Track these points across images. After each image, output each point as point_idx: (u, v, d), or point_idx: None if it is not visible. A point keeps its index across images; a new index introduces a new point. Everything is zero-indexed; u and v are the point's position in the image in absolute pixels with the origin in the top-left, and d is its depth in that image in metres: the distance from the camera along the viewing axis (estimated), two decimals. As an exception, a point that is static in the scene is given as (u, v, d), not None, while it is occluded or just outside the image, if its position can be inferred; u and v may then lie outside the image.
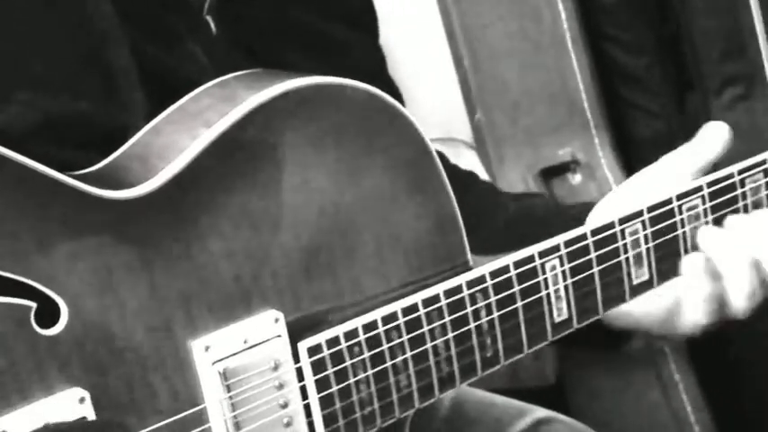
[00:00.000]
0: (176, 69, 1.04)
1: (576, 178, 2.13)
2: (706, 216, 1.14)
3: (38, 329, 0.85)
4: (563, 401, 2.08)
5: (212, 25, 1.08)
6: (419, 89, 2.12)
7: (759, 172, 1.18)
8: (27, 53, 0.96)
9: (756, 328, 1.35)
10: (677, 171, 1.14)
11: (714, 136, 1.16)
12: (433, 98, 2.17)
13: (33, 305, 0.85)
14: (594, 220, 1.16)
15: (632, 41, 2.06)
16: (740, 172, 1.15)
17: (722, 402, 2.06)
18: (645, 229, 1.10)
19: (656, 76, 2.08)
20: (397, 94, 1.25)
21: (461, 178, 1.30)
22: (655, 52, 2.07)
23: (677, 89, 2.09)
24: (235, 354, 0.93)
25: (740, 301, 1.13)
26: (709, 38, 1.97)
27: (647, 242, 1.11)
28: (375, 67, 1.27)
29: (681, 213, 1.12)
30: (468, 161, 2.15)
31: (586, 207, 1.22)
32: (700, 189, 1.13)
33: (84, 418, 0.86)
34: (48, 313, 0.86)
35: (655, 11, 2.06)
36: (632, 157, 2.14)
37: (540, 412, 1.45)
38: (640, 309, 1.15)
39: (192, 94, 0.99)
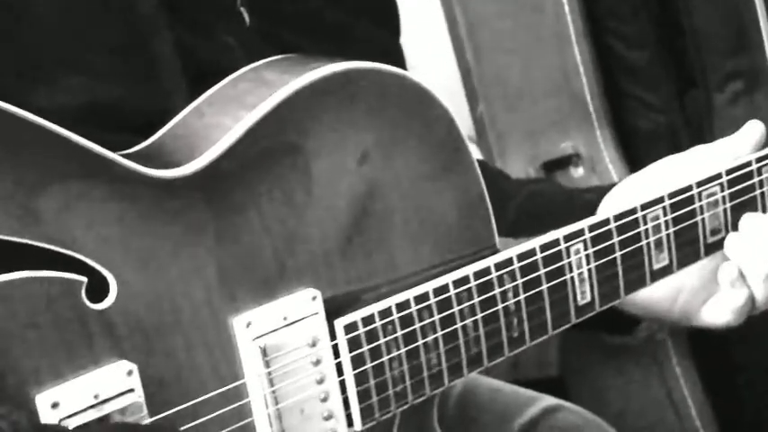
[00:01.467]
0: (212, 59, 1.06)
1: (579, 171, 2.15)
2: (724, 203, 1.17)
3: (88, 303, 0.87)
4: (564, 394, 2.10)
5: (246, 17, 1.11)
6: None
7: (773, 161, 1.20)
8: (75, 39, 0.98)
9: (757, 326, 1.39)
10: (706, 161, 1.17)
11: (751, 134, 1.18)
12: (434, 91, 2.18)
13: (84, 280, 0.87)
14: (610, 205, 1.19)
15: (634, 35, 2.07)
16: (758, 160, 1.18)
17: (723, 397, 2.09)
18: (665, 215, 1.13)
19: (657, 69, 2.10)
20: None
21: None
22: (656, 46, 2.09)
23: (678, 83, 2.12)
24: (274, 330, 0.95)
25: (763, 302, 1.17)
26: (713, 33, 1.99)
27: (667, 228, 1.14)
28: (395, 65, 1.30)
29: (700, 200, 1.15)
30: (470, 154, 2.15)
31: (600, 191, 1.24)
32: (719, 176, 1.16)
33: (132, 390, 0.88)
34: (97, 288, 0.88)
35: (656, 4, 2.08)
36: (633, 150, 2.16)
37: (549, 400, 1.47)
38: (645, 294, 1.18)
39: (229, 79, 1.02)
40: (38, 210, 0.86)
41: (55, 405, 0.85)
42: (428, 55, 2.17)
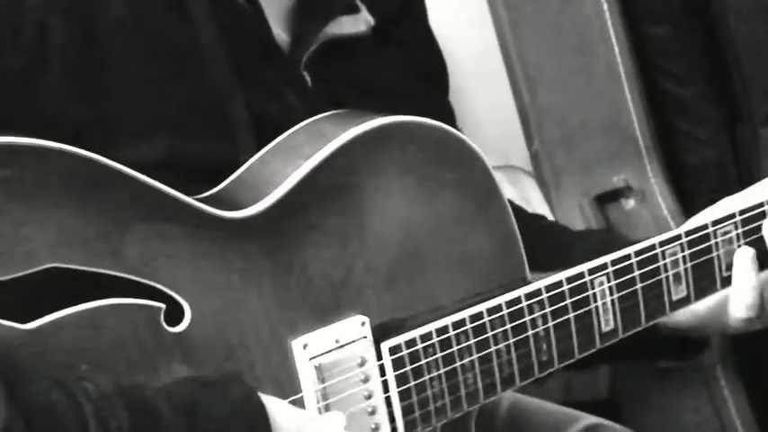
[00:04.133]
0: (278, 116, 1.19)
1: (630, 203, 2.24)
2: (738, 240, 1.28)
3: (166, 327, 1.01)
4: (615, 416, 2.18)
5: (308, 79, 1.24)
6: (481, 120, 2.24)
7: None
8: (160, 99, 1.12)
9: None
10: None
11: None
12: (493, 128, 2.29)
13: (163, 306, 1.01)
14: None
15: (683, 72, 2.16)
16: None
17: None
18: (683, 251, 1.25)
19: (705, 105, 2.19)
20: None
21: None
22: (704, 82, 2.19)
23: (726, 118, 2.21)
24: (328, 351, 1.09)
25: None
26: (758, 70, 2.09)
27: (684, 263, 1.26)
28: (446, 119, 1.42)
29: (716, 237, 1.27)
30: (526, 187, 2.27)
31: (608, 236, 1.36)
32: (733, 216, 1.28)
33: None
34: (174, 314, 1.02)
35: (704, 42, 2.17)
36: (683, 184, 2.26)
37: (591, 419, 1.58)
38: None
39: (291, 130, 1.16)
40: (123, 246, 1.00)
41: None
42: (487, 94, 2.27)
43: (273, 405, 0.98)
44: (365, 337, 1.11)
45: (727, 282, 1.28)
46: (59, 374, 0.95)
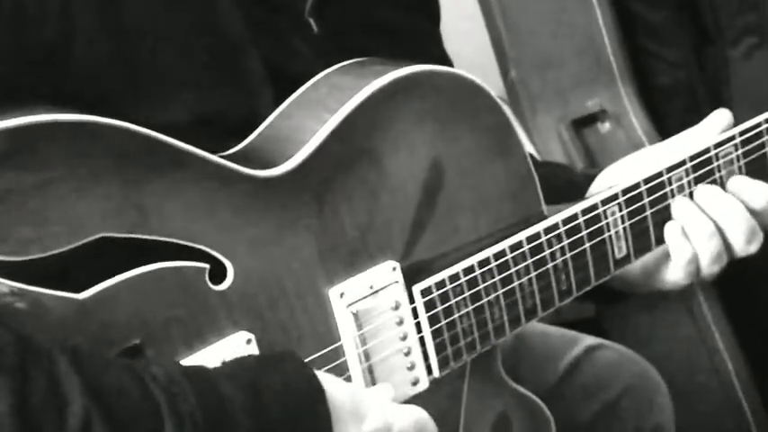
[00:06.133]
0: (290, 67, 1.22)
1: (606, 127, 2.30)
2: (738, 161, 1.33)
3: (211, 286, 1.05)
4: (601, 333, 2.25)
5: (313, 25, 1.27)
6: (453, 54, 2.28)
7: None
8: (182, 57, 1.14)
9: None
10: (678, 149, 1.31)
11: (718, 121, 1.33)
12: (467, 59, 2.32)
13: (207, 266, 1.05)
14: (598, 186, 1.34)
15: None
16: (715, 146, 1.32)
17: (750, 332, 2.24)
18: (688, 175, 1.30)
19: (675, 28, 2.25)
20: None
21: None
22: (675, 6, 2.25)
23: (695, 40, 2.27)
24: (363, 298, 1.13)
25: (707, 265, 1.30)
26: None
27: (690, 187, 1.31)
28: (441, 53, 1.46)
29: (717, 160, 1.32)
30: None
31: (587, 176, 1.40)
32: (733, 138, 1.33)
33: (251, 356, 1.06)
34: (218, 273, 1.06)
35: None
36: (656, 105, 2.32)
37: (590, 340, 1.65)
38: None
39: (310, 83, 1.19)
40: (164, 211, 1.03)
41: (192, 371, 1.03)
42: (460, 26, 2.30)
43: (325, 378, 1.02)
44: (397, 282, 1.15)
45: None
46: (116, 345, 0.99)
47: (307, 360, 1.09)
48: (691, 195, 1.31)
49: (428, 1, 1.45)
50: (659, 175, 1.29)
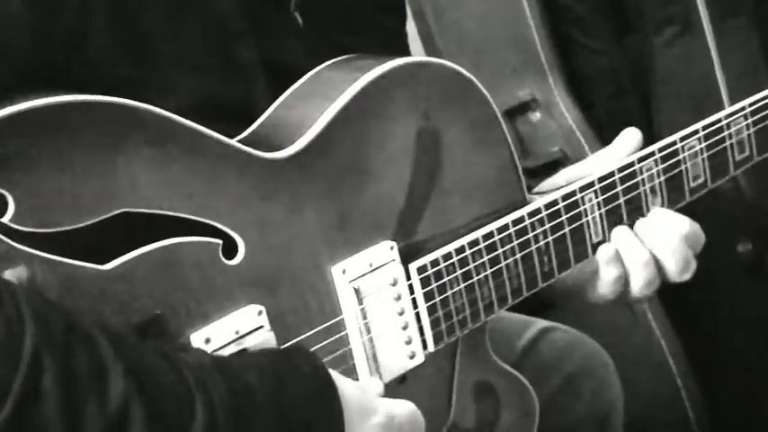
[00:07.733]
0: (278, 55, 1.28)
1: (536, 116, 2.38)
2: (702, 154, 1.42)
3: (224, 260, 1.11)
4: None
5: (299, 20, 1.33)
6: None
7: (739, 117, 1.46)
8: (186, 46, 1.20)
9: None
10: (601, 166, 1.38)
11: (629, 140, 1.40)
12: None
13: (220, 242, 1.11)
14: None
15: None
16: (726, 117, 1.43)
17: (682, 312, 2.34)
18: (657, 165, 1.39)
19: (599, 17, 2.37)
20: None
21: None
22: None
23: (618, 30, 2.38)
24: (364, 275, 1.20)
25: (639, 289, 1.37)
26: None
27: (659, 176, 1.39)
28: (405, 51, 1.53)
29: (684, 152, 1.41)
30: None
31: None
32: (696, 132, 1.42)
33: (262, 326, 1.12)
34: (230, 248, 1.12)
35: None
36: (583, 93, 2.42)
37: (543, 323, 1.71)
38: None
39: (305, 78, 1.26)
40: (183, 190, 1.09)
41: (207, 341, 1.09)
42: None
43: (335, 375, 1.09)
44: (394, 260, 1.22)
45: (696, 191, 1.42)
46: (138, 315, 1.04)
47: (311, 332, 1.16)
48: (660, 185, 1.39)
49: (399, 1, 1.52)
50: (631, 164, 1.37)
